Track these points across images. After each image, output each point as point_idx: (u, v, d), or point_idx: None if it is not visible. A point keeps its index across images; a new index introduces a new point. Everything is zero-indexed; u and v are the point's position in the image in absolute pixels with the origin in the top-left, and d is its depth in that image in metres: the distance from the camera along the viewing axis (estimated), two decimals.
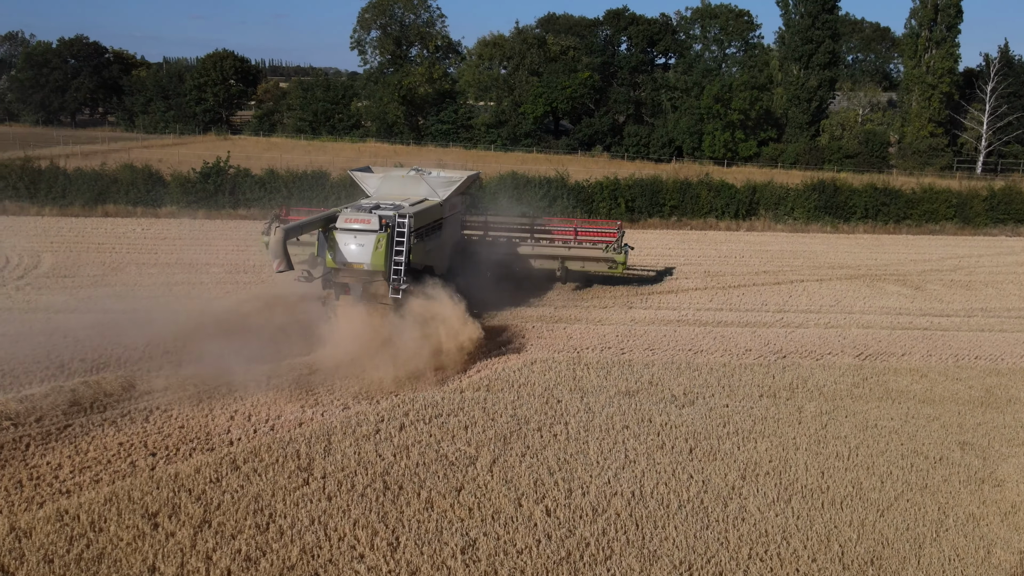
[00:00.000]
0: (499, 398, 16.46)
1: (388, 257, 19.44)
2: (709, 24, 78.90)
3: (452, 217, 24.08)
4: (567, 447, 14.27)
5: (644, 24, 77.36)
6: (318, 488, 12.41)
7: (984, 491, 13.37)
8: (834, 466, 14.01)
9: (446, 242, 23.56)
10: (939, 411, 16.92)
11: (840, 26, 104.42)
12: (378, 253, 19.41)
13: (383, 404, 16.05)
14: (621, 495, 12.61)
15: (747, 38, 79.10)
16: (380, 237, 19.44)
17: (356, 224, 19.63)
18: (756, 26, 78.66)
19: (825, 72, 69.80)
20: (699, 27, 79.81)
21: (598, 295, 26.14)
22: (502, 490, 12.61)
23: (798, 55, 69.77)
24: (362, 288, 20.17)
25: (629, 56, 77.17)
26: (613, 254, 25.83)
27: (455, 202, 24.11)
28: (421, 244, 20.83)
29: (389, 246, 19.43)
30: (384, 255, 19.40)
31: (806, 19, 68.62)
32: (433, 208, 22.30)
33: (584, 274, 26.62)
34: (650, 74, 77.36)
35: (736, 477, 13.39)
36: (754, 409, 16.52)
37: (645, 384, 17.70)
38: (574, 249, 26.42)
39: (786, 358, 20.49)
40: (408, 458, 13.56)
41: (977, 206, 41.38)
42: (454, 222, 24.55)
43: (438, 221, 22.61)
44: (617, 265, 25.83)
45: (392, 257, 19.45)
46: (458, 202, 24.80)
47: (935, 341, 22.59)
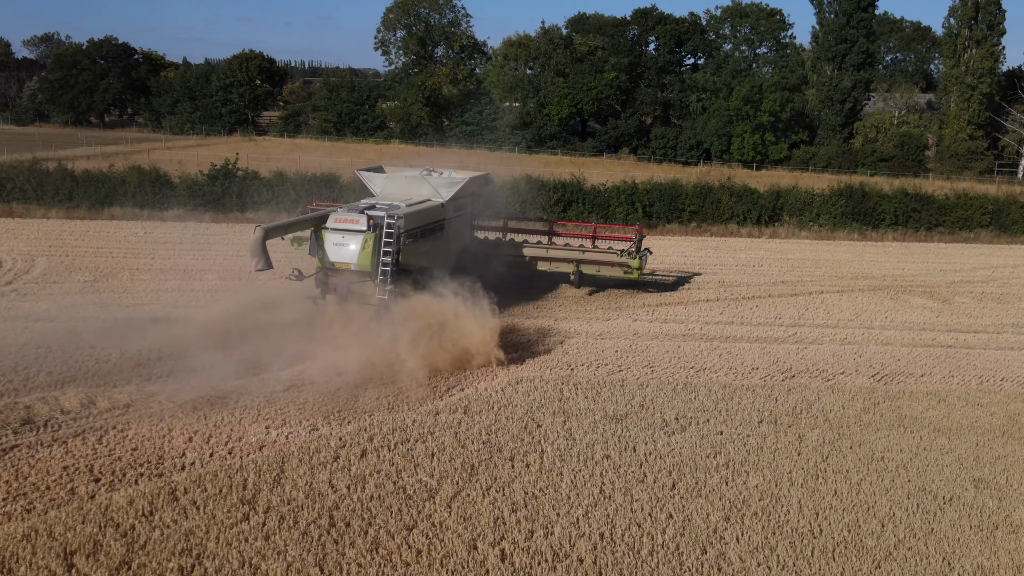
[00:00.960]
0: (475, 422, 15.38)
1: (375, 258, 19.40)
2: (739, 23, 76.96)
3: (458, 218, 23.65)
4: (538, 480, 13.14)
5: (672, 23, 75.67)
6: (257, 524, 11.43)
7: (997, 538, 12.00)
8: (831, 506, 12.72)
9: (450, 243, 23.23)
10: (955, 442, 15.51)
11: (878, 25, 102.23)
12: (364, 254, 19.40)
13: (351, 427, 15.07)
14: (588, 537, 11.46)
15: (779, 38, 77.04)
16: (367, 238, 19.43)
17: (345, 224, 19.64)
18: (788, 25, 76.66)
19: (860, 73, 67.63)
20: (729, 26, 77.90)
21: (603, 306, 24.96)
22: (458, 529, 11.52)
23: (831, 55, 67.71)
24: (347, 288, 20.28)
25: (656, 56, 75.54)
26: (627, 259, 24.91)
27: (462, 203, 23.64)
28: (415, 245, 20.76)
29: (376, 247, 19.40)
30: (371, 256, 19.38)
31: (840, 18, 66.53)
32: (433, 209, 22.07)
33: (599, 278, 25.86)
34: (678, 75, 75.70)
35: (720, 518, 12.16)
36: (750, 437, 15.25)
37: (636, 407, 16.51)
38: (588, 253, 25.60)
39: (794, 378, 19.17)
40: (363, 490, 12.54)
41: (1014, 213, 39.43)
42: (461, 223, 24.05)
43: (439, 222, 22.32)
44: (632, 270, 24.92)
45: (380, 258, 19.38)
46: (466, 203, 24.22)
47: (959, 360, 21.10)
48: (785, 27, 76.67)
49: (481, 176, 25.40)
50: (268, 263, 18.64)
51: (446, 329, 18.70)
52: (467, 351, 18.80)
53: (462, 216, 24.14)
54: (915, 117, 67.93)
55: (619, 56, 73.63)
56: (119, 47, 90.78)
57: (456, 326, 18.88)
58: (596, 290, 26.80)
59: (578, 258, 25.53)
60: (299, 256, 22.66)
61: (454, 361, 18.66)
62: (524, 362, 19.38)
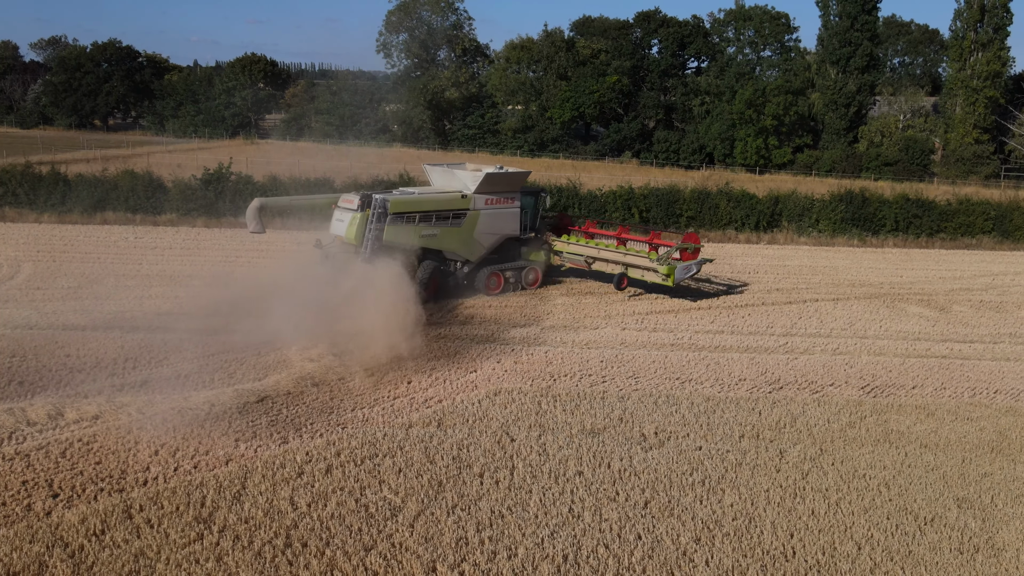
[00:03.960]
0: (447, 436, 15.02)
1: (363, 233, 23.16)
2: (743, 26, 76.34)
3: (489, 211, 26.00)
4: (506, 497, 12.77)
5: (675, 26, 75.09)
6: (211, 544, 11.09)
7: (977, 562, 11.57)
8: (807, 527, 12.30)
9: (476, 232, 25.82)
10: (941, 459, 15.06)
11: (887, 28, 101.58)
12: (352, 228, 23.32)
13: (319, 440, 14.73)
14: (552, 559, 11.08)
15: (783, 41, 76.39)
16: (356, 215, 23.32)
17: (346, 204, 23.89)
18: (793, 28, 75.85)
19: (864, 76, 67.00)
20: (733, 29, 77.31)
21: (592, 314, 24.60)
22: (418, 550, 11.16)
23: (836, 58, 67.09)
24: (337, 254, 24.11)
25: (659, 60, 75.03)
26: (657, 264, 25.43)
27: (496, 197, 26.07)
28: (412, 227, 24.09)
29: (364, 223, 23.18)
30: (358, 231, 23.23)
31: (845, 21, 65.89)
32: (450, 199, 25.25)
33: (643, 283, 26.84)
34: (681, 78, 75.16)
35: (690, 539, 11.76)
36: (730, 453, 14.84)
37: (615, 421, 16.12)
38: (629, 256, 26.60)
39: (781, 390, 18.75)
40: (323, 508, 12.18)
41: (1017, 219, 38.84)
42: (493, 216, 26.15)
43: (458, 211, 25.24)
44: (666, 277, 25.33)
45: (370, 233, 23.10)
46: (508, 198, 26.47)
47: (952, 372, 20.64)
48: (790, 30, 76.00)
49: (514, 173, 26.81)
50: (261, 228, 22.96)
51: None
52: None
53: (500, 210, 26.28)
54: (920, 121, 67.20)
55: (622, 59, 73.18)
56: (123, 50, 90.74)
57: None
58: (589, 297, 26.44)
59: (621, 260, 26.62)
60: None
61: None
62: (505, 372, 19.03)
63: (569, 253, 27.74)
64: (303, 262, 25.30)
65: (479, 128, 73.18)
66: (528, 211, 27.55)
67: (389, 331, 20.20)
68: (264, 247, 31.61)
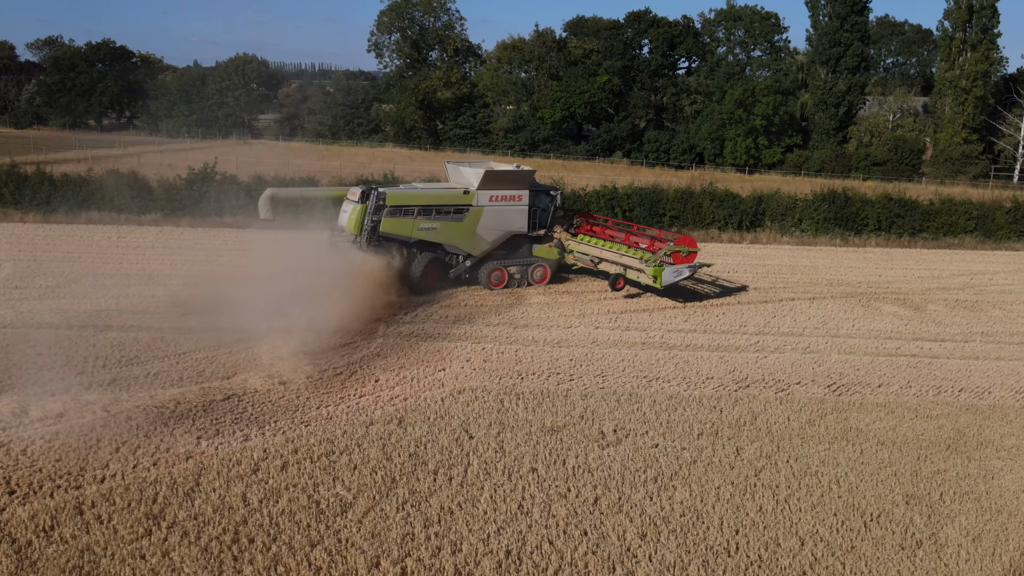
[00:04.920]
0: (406, 433, 15.15)
1: (362, 223, 24.75)
2: (733, 26, 76.44)
3: (493, 207, 26.72)
4: (458, 494, 12.90)
5: (665, 26, 75.17)
6: (158, 540, 11.22)
7: (918, 557, 11.70)
8: (753, 522, 12.44)
9: (479, 227, 26.57)
10: (896, 456, 15.20)
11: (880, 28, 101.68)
12: (352, 219, 24.89)
13: (279, 437, 14.84)
14: (494, 555, 11.21)
15: (773, 41, 76.48)
16: (357, 207, 24.87)
17: (352, 196, 25.38)
18: (783, 28, 76.00)
19: (854, 76, 67.10)
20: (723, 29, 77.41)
21: (566, 313, 24.71)
22: (364, 546, 11.30)
23: (826, 58, 67.19)
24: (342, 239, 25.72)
25: (649, 60, 75.13)
26: (646, 266, 25.67)
27: (501, 194, 26.76)
28: (409, 220, 25.34)
29: (363, 215, 24.73)
30: (357, 221, 24.79)
31: (835, 21, 66.01)
32: (452, 194, 26.26)
33: (639, 285, 26.85)
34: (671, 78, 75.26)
35: (636, 535, 11.89)
36: (686, 450, 14.97)
37: (575, 419, 16.24)
38: (625, 257, 26.78)
39: (748, 388, 18.89)
40: (275, 504, 12.31)
41: (999, 218, 38.98)
42: (498, 212, 26.86)
43: (460, 207, 26.14)
44: (653, 279, 25.51)
45: (367, 224, 24.72)
46: (515, 196, 27.05)
47: (920, 370, 20.77)
48: (780, 30, 76.11)
49: (517, 171, 27.51)
50: (271, 216, 24.92)
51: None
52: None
53: (506, 207, 26.92)
54: (909, 121, 67.30)
55: (612, 60, 73.31)
56: (116, 50, 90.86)
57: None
58: (566, 296, 26.56)
59: (605, 257, 27.04)
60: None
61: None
62: (474, 371, 19.16)
63: (579, 252, 27.85)
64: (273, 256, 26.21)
65: (470, 128, 73.31)
66: (538, 209, 27.96)
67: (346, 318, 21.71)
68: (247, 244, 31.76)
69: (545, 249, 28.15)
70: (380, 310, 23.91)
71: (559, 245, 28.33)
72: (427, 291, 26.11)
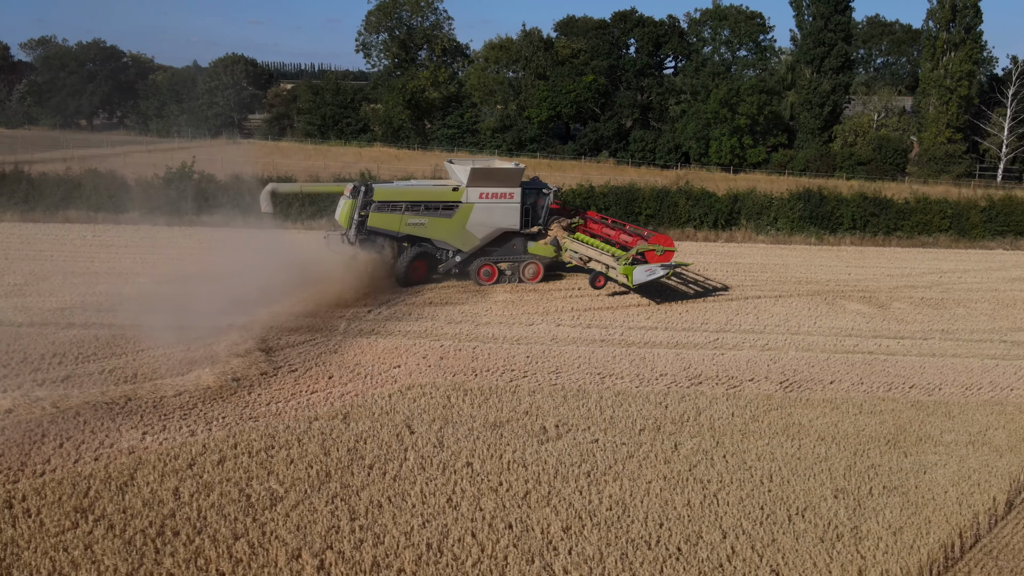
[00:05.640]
0: (348, 428, 15.29)
1: (351, 218, 26.09)
2: (719, 26, 76.57)
3: (484, 204, 27.23)
4: (389, 488, 13.05)
5: (651, 26, 75.30)
6: (83, 533, 11.36)
7: (836, 549, 11.84)
8: (679, 516, 12.58)
9: (469, 224, 27.16)
10: (833, 451, 15.35)
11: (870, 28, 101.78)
12: (343, 213, 26.45)
13: (221, 433, 14.98)
14: (416, 547, 11.36)
15: (758, 40, 76.62)
16: (348, 202, 26.31)
17: (346, 192, 26.72)
18: (768, 28, 76.15)
19: (838, 76, 67.26)
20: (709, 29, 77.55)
21: (530, 311, 24.86)
22: (287, 538, 11.44)
23: (810, 58, 67.33)
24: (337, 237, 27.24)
25: (635, 59, 75.28)
26: (618, 264, 25.87)
27: (491, 191, 27.28)
28: (397, 215, 26.35)
29: (353, 209, 26.09)
30: (348, 215, 26.23)
31: (819, 21, 66.15)
32: (440, 191, 27.14)
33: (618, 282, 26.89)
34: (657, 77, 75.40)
35: (560, 528, 12.03)
36: (625, 445, 15.12)
37: (520, 414, 16.40)
38: (604, 256, 26.94)
39: (700, 385, 19.04)
40: (205, 498, 12.45)
41: (974, 217, 39.13)
42: (488, 209, 27.31)
43: (449, 203, 26.95)
44: (625, 277, 25.65)
45: (356, 218, 26.00)
46: (506, 193, 27.47)
47: (874, 367, 20.92)
48: (765, 30, 76.26)
49: (506, 168, 28.08)
50: (271, 209, 27.25)
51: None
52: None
53: (496, 204, 27.36)
54: (893, 120, 67.43)
55: (599, 59, 73.48)
56: (107, 50, 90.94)
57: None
58: (532, 294, 26.69)
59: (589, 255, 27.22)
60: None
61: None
62: (429, 368, 19.31)
63: (571, 251, 27.95)
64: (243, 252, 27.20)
65: (458, 128, 73.44)
66: (531, 206, 28.26)
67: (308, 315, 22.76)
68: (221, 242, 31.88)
69: (541, 247, 28.41)
70: (344, 307, 24.12)
71: (555, 243, 28.46)
72: (414, 284, 26.94)
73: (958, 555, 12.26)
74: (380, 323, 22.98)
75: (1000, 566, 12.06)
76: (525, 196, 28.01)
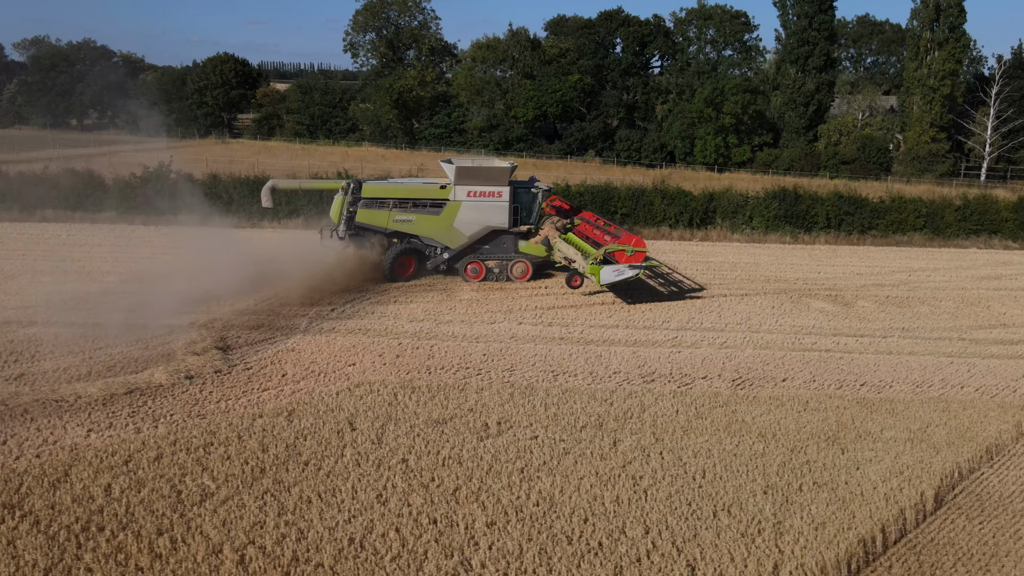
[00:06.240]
0: (291, 426, 15.42)
1: (341, 214, 27.27)
2: (704, 25, 76.70)
3: (471, 202, 27.69)
4: (322, 484, 13.18)
5: (636, 25, 75.44)
6: (7, 529, 11.52)
7: (756, 544, 11.98)
8: (605, 512, 12.72)
9: (457, 221, 27.68)
10: (771, 447, 15.48)
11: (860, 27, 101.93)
12: (334, 209, 27.71)
13: (163, 430, 15.12)
14: (338, 542, 11.49)
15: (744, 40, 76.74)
16: (339, 198, 27.54)
17: (341, 189, 27.77)
18: (753, 27, 76.25)
19: (822, 75, 67.39)
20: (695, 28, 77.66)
21: (493, 308, 24.99)
22: (211, 533, 11.57)
23: (794, 57, 67.47)
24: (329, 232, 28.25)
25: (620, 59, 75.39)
26: (587, 263, 26.17)
27: (479, 189, 27.71)
28: (384, 212, 27.30)
29: (342, 206, 27.32)
30: (338, 211, 27.47)
31: (802, 20, 66.31)
32: (427, 188, 27.83)
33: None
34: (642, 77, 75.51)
35: (484, 523, 12.17)
36: (563, 442, 15.25)
37: (464, 411, 16.53)
38: (579, 255, 27.18)
39: (654, 382, 19.17)
40: (136, 494, 12.59)
41: (948, 216, 39.23)
42: (476, 207, 27.72)
43: (437, 200, 27.61)
44: (591, 277, 25.99)
45: (345, 214, 27.12)
46: (487, 190, 27.76)
47: (828, 365, 21.05)
48: (750, 29, 76.35)
49: (493, 167, 28.29)
50: (271, 204, 29.58)
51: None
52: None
53: (484, 202, 27.74)
54: (877, 120, 67.52)
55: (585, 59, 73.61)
56: (97, 50, 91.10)
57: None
58: (498, 292, 26.81)
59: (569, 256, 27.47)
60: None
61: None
62: (384, 366, 19.44)
63: (558, 251, 28.03)
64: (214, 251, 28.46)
65: (446, 127, 73.57)
66: (520, 205, 28.51)
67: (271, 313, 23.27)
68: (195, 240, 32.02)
69: (531, 246, 28.55)
70: (310, 304, 24.29)
71: (546, 242, 28.55)
72: (401, 280, 27.59)
73: (880, 550, 12.38)
74: (342, 321, 23.11)
75: (921, 560, 12.19)
76: (517, 195, 28.32)
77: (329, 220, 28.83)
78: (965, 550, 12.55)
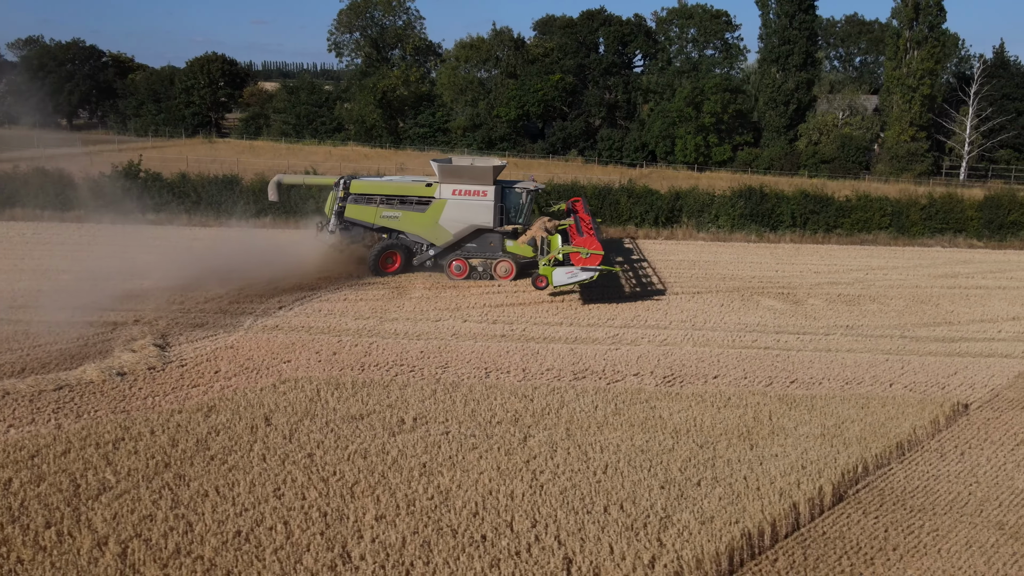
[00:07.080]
0: (206, 421, 15.62)
1: (332, 209, 28.48)
2: (685, 24, 76.77)
3: (456, 200, 28.20)
4: (223, 478, 13.37)
5: (617, 25, 75.55)
6: None
7: (638, 538, 12.13)
8: (497, 505, 12.91)
9: (442, 219, 28.23)
10: (680, 443, 15.64)
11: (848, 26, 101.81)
12: (327, 204, 29.10)
13: (78, 425, 15.30)
14: (223, 535, 11.68)
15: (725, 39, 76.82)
16: (332, 194, 28.74)
17: (332, 186, 28.99)
18: (735, 26, 76.33)
19: (802, 74, 67.47)
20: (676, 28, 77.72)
21: (441, 307, 25.18)
22: (99, 526, 11.77)
23: (775, 56, 67.56)
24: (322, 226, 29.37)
25: (602, 58, 75.50)
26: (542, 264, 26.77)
27: (464, 188, 28.23)
28: (373, 207, 28.30)
29: (332, 201, 28.52)
30: (330, 206, 28.70)
31: (783, 19, 66.40)
32: (413, 186, 28.64)
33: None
34: (623, 76, 75.63)
35: (374, 517, 12.36)
36: (473, 437, 15.45)
37: (383, 407, 16.72)
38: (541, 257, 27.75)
39: (583, 379, 19.37)
40: (34, 488, 12.79)
41: (914, 215, 39.34)
42: (461, 206, 28.22)
43: (423, 198, 28.31)
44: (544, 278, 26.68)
45: (335, 208, 28.32)
46: (472, 189, 28.24)
47: (763, 362, 21.22)
48: (731, 28, 76.44)
49: (476, 166, 28.88)
50: (277, 198, 30.45)
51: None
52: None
53: (469, 201, 28.21)
54: (857, 119, 67.59)
55: (567, 58, 73.75)
56: (86, 49, 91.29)
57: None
58: (450, 290, 26.98)
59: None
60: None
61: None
62: (318, 363, 19.62)
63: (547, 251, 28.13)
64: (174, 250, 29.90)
65: (430, 127, 73.73)
66: (508, 205, 28.84)
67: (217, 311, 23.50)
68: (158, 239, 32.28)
69: (518, 246, 28.76)
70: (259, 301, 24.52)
71: (533, 242, 28.71)
72: (386, 274, 28.44)
73: (768, 544, 12.55)
74: (287, 318, 23.31)
75: (808, 555, 12.36)
76: (504, 195, 28.62)
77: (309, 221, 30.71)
78: (853, 544, 12.72)
